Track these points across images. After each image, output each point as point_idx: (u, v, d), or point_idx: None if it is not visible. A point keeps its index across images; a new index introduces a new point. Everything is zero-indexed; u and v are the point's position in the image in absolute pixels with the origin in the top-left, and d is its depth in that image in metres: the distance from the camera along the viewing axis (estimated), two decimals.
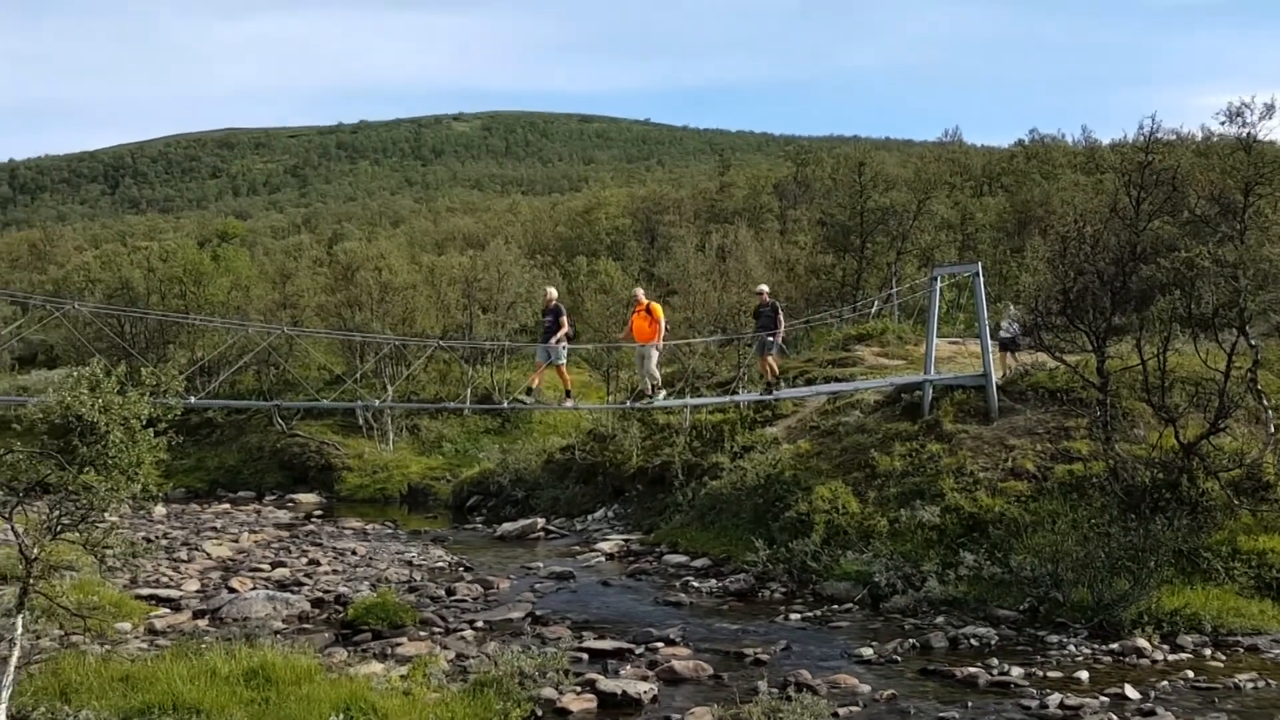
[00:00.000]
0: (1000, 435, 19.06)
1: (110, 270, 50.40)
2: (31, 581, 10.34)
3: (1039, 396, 19.70)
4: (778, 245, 41.88)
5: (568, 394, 18.48)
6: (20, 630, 10.28)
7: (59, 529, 10.15)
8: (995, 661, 13.28)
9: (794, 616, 16.01)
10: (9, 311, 47.47)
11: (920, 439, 19.69)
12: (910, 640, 14.37)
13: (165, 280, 45.47)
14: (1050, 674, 12.79)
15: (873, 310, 33.02)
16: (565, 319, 17.03)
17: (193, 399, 12.38)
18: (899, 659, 13.67)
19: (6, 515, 10.23)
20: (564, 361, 17.30)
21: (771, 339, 18.82)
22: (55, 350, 47.31)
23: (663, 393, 17.72)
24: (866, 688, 12.37)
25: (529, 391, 18.23)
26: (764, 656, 13.66)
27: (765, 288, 19.87)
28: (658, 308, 17.41)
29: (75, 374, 10.80)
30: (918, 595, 16.22)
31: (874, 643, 14.28)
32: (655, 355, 17.21)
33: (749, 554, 18.69)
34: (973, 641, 14.34)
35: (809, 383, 24.53)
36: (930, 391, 20.65)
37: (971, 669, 12.93)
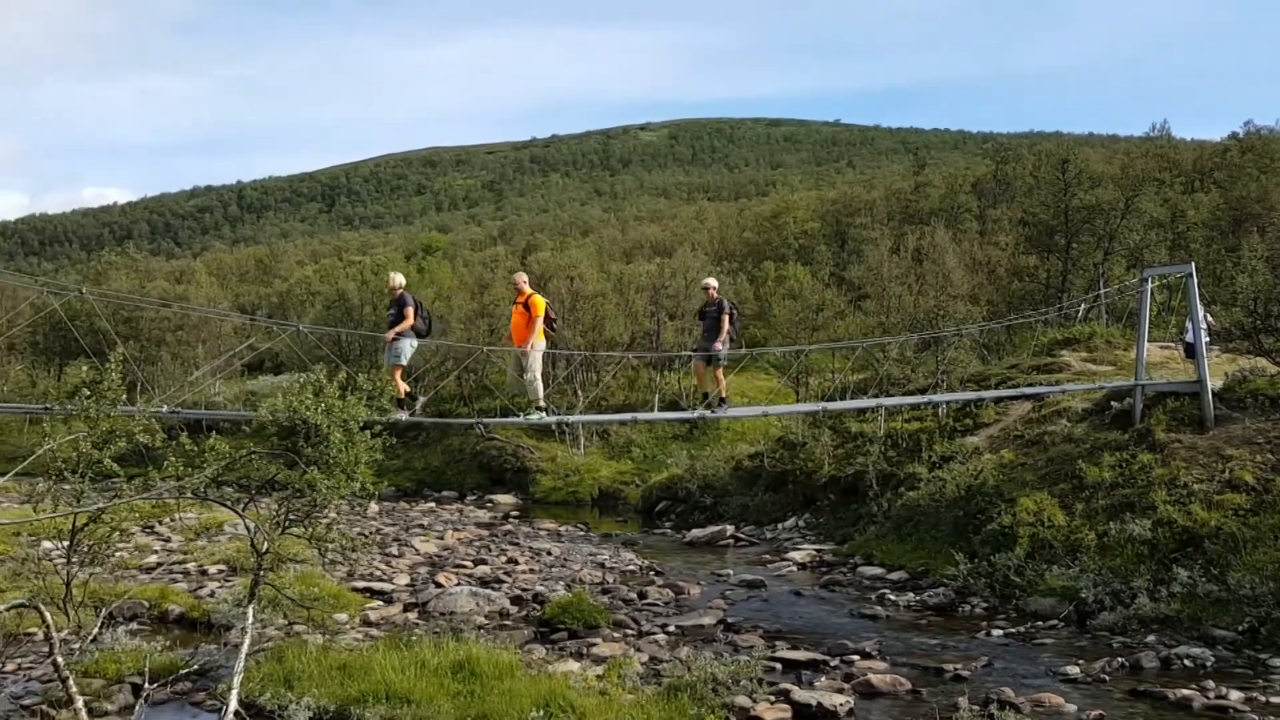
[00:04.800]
0: (1216, 445, 17.66)
1: (328, 283, 54.03)
2: (261, 573, 11.14)
3: (1259, 404, 18.11)
4: (977, 246, 40.28)
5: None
6: (251, 619, 11.10)
7: (287, 524, 10.89)
8: (1211, 684, 12.27)
9: (996, 632, 15.31)
10: (240, 323, 51.61)
11: (1131, 449, 18.49)
12: (1119, 659, 13.51)
13: (377, 292, 48.35)
14: (1273, 699, 11.68)
15: (1079, 313, 31.36)
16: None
17: (404, 416, 13.05)
18: (1107, 678, 12.87)
19: (240, 511, 11.09)
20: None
21: (719, 347, 15.75)
22: (280, 358, 51.00)
23: (537, 413, 14.53)
24: (1073, 707, 11.70)
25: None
26: (964, 673, 13.11)
27: (712, 282, 16.52)
28: (539, 300, 14.17)
29: (300, 380, 11.60)
30: (1127, 612, 15.20)
31: (1080, 661, 13.50)
32: (533, 358, 14.08)
33: (948, 567, 18.02)
34: (1186, 662, 13.33)
35: (1010, 388, 23.51)
36: (1141, 399, 19.44)
37: (1186, 691, 12.02)
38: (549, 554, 22.54)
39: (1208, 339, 20.00)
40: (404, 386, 13.86)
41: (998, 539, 17.91)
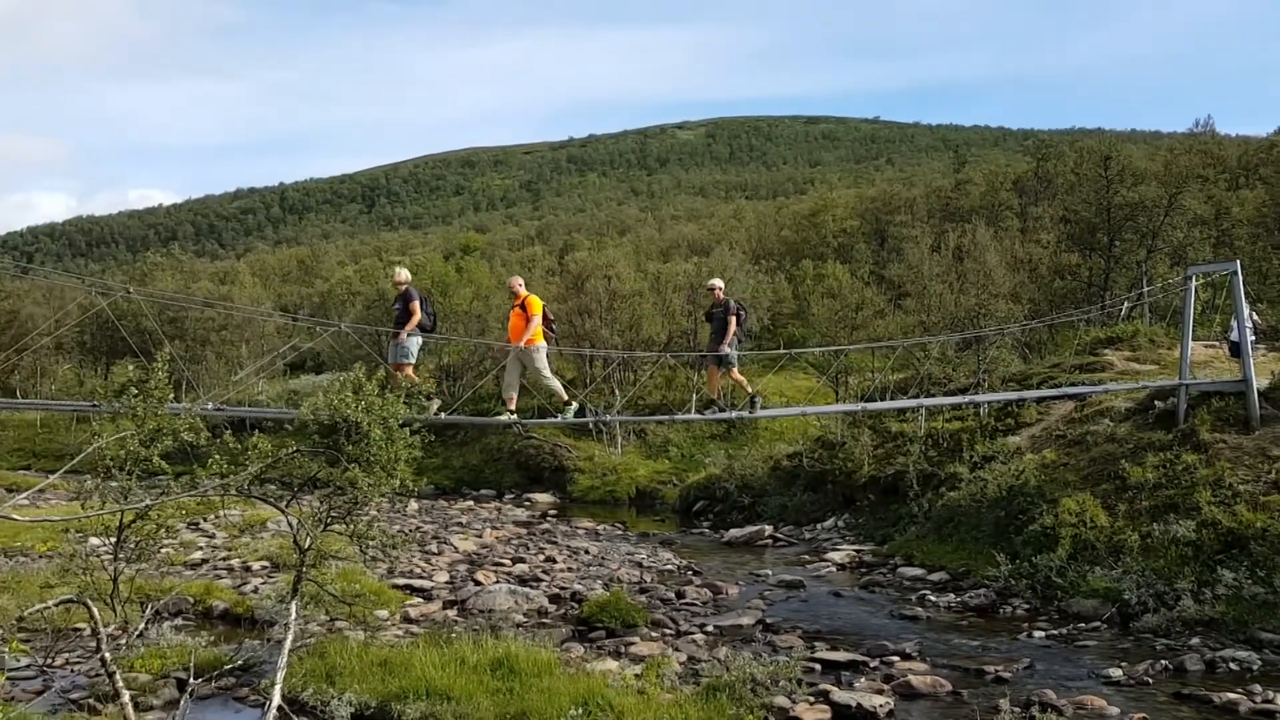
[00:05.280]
0: (1262, 445, 17.35)
1: (368, 283, 54.52)
2: (304, 569, 11.26)
3: None
4: (1018, 244, 39.74)
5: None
6: (293, 615, 11.22)
7: (329, 521, 11.00)
8: (1258, 688, 12.02)
9: (1037, 634, 15.13)
10: (282, 322, 52.25)
11: (1175, 449, 18.20)
12: (1162, 662, 13.30)
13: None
14: None
15: (1122, 312, 30.93)
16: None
17: (443, 416, 13.11)
18: (1150, 681, 12.68)
19: (283, 508, 11.21)
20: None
21: (727, 350, 15.34)
22: (322, 357, 51.57)
23: (572, 409, 14.35)
24: (1115, 710, 11.53)
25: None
26: (1005, 674, 12.96)
27: (718, 282, 15.99)
28: (535, 301, 13.91)
29: (341, 379, 11.71)
30: (1171, 614, 14.97)
31: (1123, 663, 13.32)
32: (541, 366, 13.78)
33: (989, 568, 17.82)
34: (1232, 665, 13.10)
35: (1053, 388, 23.23)
36: (1185, 398, 19.12)
37: (1231, 695, 11.80)
38: (587, 553, 22.57)
39: (1253, 337, 19.68)
40: (417, 380, 13.55)
41: (1039, 540, 17.71)
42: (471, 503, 32.94)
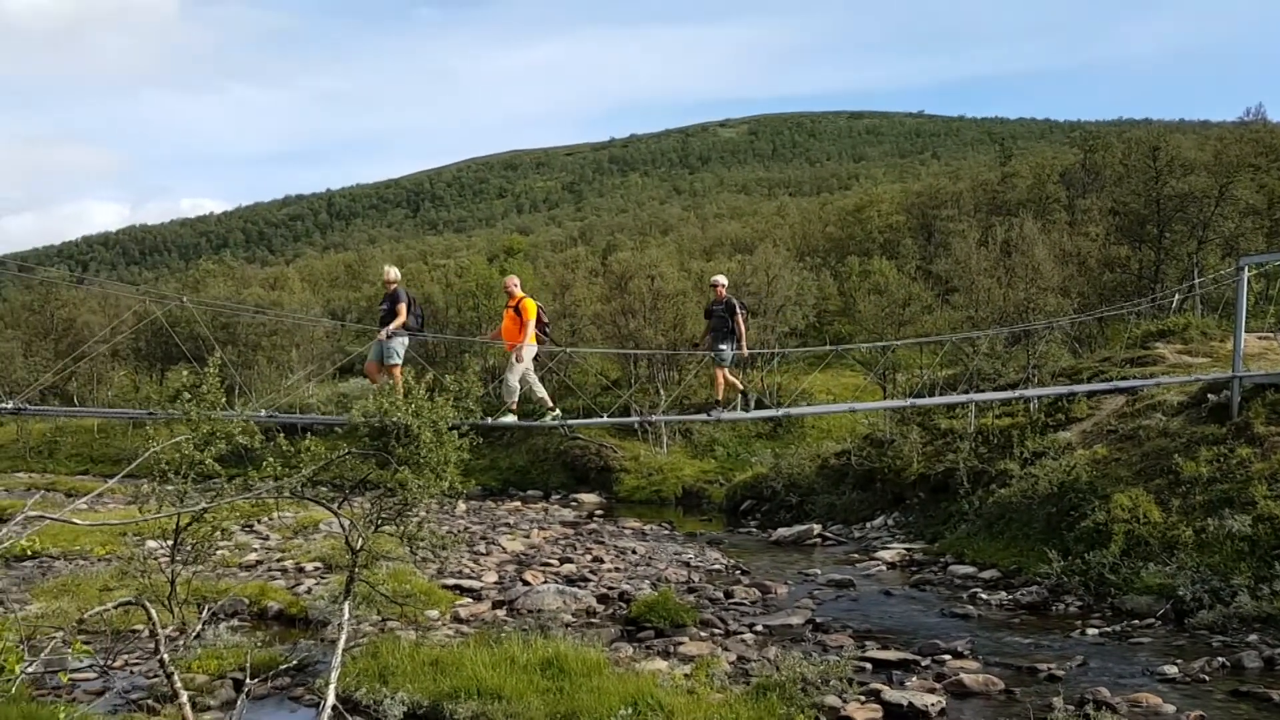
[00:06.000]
0: None
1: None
2: (356, 570, 11.38)
3: None
4: (1066, 237, 39.12)
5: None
6: (347, 615, 11.34)
7: (379, 522, 11.10)
8: None
9: (1090, 631, 14.91)
10: (331, 327, 52.94)
11: (1229, 443, 17.91)
12: (1219, 659, 13.07)
13: (461, 294, 49.10)
14: None
15: (1173, 304, 30.40)
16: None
17: (489, 420, 13.15)
18: (1206, 678, 12.45)
19: (335, 510, 11.34)
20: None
21: (723, 347, 14.86)
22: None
23: (509, 416, 13.55)
24: (1171, 708, 11.34)
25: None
26: (1059, 672, 12.78)
27: (721, 279, 15.44)
28: (530, 304, 13.50)
29: (390, 382, 11.81)
30: (1227, 611, 14.69)
31: (1178, 660, 13.11)
32: (522, 364, 13.29)
33: (1041, 565, 17.61)
34: None
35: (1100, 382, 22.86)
36: (1239, 391, 18.74)
37: None
38: (634, 553, 22.59)
39: None
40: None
41: (1092, 536, 17.49)
42: (518, 503, 33.13)
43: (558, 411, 14.30)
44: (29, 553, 4.98)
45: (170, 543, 10.43)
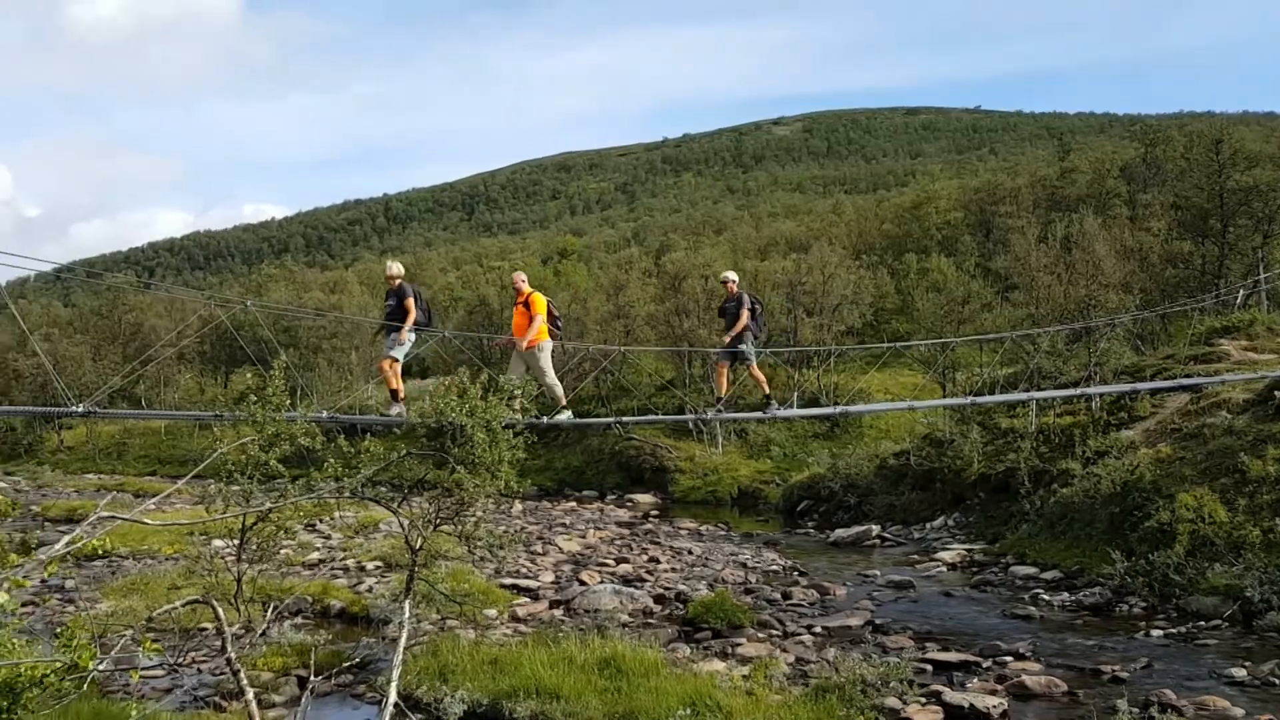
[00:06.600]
0: None
1: (470, 289, 55.64)
2: (416, 569, 11.50)
3: None
4: (1127, 233, 38.38)
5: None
6: (407, 614, 11.47)
7: (438, 522, 11.21)
8: None
9: (1155, 633, 14.58)
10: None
11: None
12: None
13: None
14: None
15: (1238, 300, 29.67)
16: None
17: (544, 419, 13.20)
18: (1276, 681, 12.10)
19: (395, 509, 11.47)
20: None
21: (741, 344, 14.34)
22: (426, 362, 52.77)
23: (565, 414, 13.45)
24: (1239, 711, 11.05)
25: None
26: (1123, 674, 12.52)
27: (732, 275, 14.98)
28: (539, 299, 13.16)
29: (445, 383, 11.91)
30: None
31: (1246, 663, 12.74)
32: (545, 361, 13.04)
33: (1104, 566, 17.25)
34: None
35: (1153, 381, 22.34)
36: None
37: None
38: (690, 553, 22.56)
39: None
40: (397, 383, 12.72)
41: (1156, 536, 17.11)
42: (574, 503, 33.28)
43: (569, 412, 13.98)
44: (99, 552, 5.11)
45: (236, 542, 10.62)
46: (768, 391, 15.34)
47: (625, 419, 24.10)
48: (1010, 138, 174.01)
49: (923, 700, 11.59)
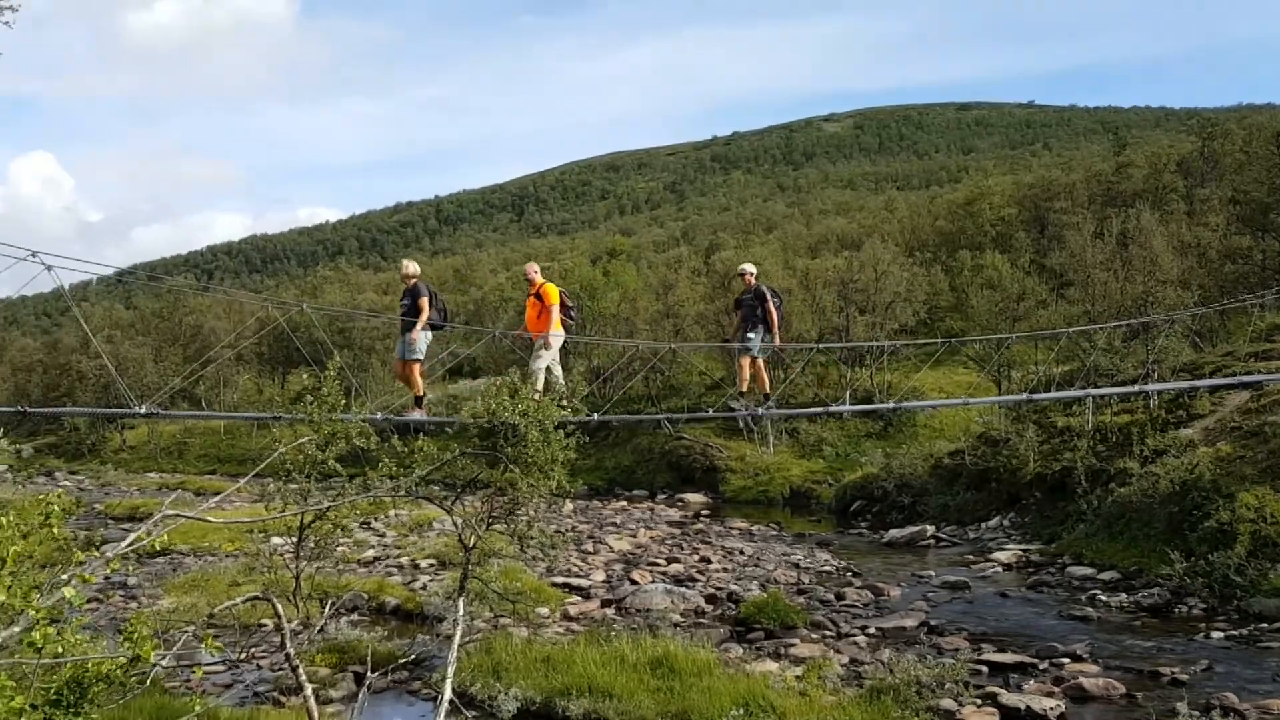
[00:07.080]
0: None
1: (520, 290, 55.80)
2: (470, 567, 11.62)
3: None
4: (1185, 228, 37.49)
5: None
6: (461, 612, 11.59)
7: (490, 521, 11.31)
8: None
9: (1215, 635, 14.27)
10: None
11: None
12: None
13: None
14: None
15: None
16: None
17: (595, 416, 13.23)
18: None
19: (448, 508, 11.60)
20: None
21: (752, 336, 13.97)
22: (478, 362, 53.23)
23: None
24: None
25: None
26: (1182, 677, 12.26)
27: (750, 267, 14.72)
28: (551, 289, 12.98)
29: (497, 383, 12.00)
30: None
31: None
32: (550, 352, 12.79)
33: (1163, 566, 16.93)
34: None
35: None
36: None
37: None
38: (741, 553, 22.50)
39: None
40: (420, 384, 12.57)
41: (1216, 536, 16.76)
42: (624, 503, 33.32)
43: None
44: (160, 549, 5.24)
45: (294, 540, 10.81)
46: (766, 390, 14.95)
47: (674, 415, 24.06)
48: (1064, 133, 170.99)
49: (978, 702, 11.46)
